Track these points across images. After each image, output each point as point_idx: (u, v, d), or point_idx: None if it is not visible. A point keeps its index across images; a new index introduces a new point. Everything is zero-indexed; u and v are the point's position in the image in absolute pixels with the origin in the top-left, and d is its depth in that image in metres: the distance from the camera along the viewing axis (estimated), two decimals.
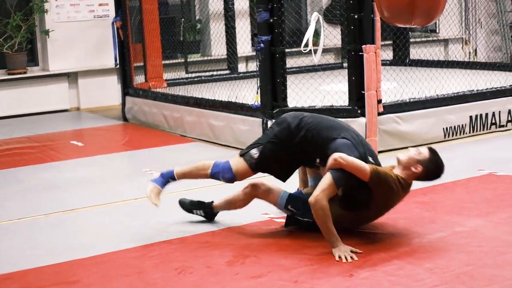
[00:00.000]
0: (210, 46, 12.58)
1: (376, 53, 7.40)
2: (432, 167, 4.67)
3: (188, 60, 11.72)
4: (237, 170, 4.96)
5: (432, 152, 4.71)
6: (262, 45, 7.46)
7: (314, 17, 7.46)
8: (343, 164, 4.50)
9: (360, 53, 7.36)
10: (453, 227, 4.92)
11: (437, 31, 14.97)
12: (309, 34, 7.37)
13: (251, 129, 7.80)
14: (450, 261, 4.28)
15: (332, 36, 11.19)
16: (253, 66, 12.44)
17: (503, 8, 14.75)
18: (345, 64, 12.37)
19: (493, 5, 14.91)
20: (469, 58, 14.79)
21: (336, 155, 4.53)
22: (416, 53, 13.49)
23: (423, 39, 14.74)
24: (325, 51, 9.74)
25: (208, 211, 5.25)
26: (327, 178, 4.54)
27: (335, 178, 4.51)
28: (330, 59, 13.20)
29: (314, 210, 4.48)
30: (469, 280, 3.96)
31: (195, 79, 10.98)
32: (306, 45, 7.21)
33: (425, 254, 4.42)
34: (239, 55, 12.06)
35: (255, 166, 4.95)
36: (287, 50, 7.68)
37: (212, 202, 5.24)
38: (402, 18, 6.64)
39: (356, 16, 7.37)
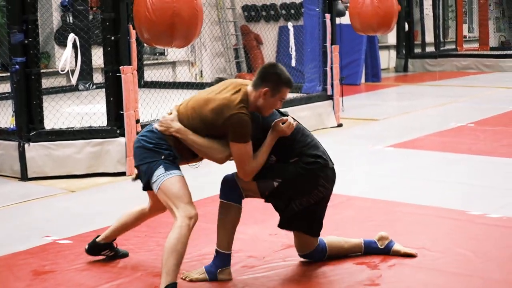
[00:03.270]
0: None
1: (133, 74, 7.56)
2: None
3: None
4: None
5: None
6: (17, 66, 7.27)
7: (70, 39, 7.45)
8: None
9: (118, 74, 7.47)
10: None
11: (165, 54, 15.41)
12: (66, 55, 7.36)
13: (6, 153, 7.54)
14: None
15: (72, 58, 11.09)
16: None
17: (227, 31, 15.55)
18: (80, 87, 12.47)
19: (216, 28, 15.66)
20: (196, 79, 15.43)
21: None
22: (148, 75, 13.81)
23: (152, 61, 15.10)
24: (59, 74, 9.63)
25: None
26: None
27: None
28: (63, 81, 12.98)
29: None
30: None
31: None
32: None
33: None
34: None
35: None
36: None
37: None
38: (163, 41, 6.93)
39: (112, 38, 7.47)
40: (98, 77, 13.53)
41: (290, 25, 11.23)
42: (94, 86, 12.41)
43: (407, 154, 8.24)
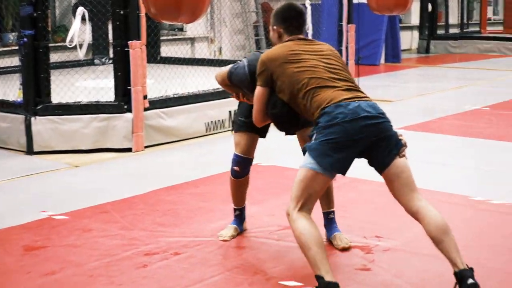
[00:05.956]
0: None
1: (142, 49, 7.51)
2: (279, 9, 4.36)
3: None
4: None
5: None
6: (25, 39, 7.25)
7: (79, 12, 7.40)
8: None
9: (126, 49, 7.42)
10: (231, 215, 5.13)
11: (184, 29, 15.33)
12: (74, 29, 7.32)
13: (13, 126, 7.54)
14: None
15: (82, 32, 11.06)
16: None
17: (248, 8, 15.44)
18: (96, 61, 12.45)
19: (237, 5, 15.55)
20: (215, 55, 15.34)
21: None
22: (168, 50, 13.74)
23: (170, 37, 15.03)
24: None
25: None
26: None
27: None
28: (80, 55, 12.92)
29: None
30: (258, 262, 4.21)
31: None
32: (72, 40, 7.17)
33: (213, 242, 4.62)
34: None
35: None
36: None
37: None
38: (169, 15, 6.78)
39: (122, 12, 7.42)
40: None
41: (307, 3, 11.11)
42: (110, 61, 12.36)
43: (415, 137, 8.11)
